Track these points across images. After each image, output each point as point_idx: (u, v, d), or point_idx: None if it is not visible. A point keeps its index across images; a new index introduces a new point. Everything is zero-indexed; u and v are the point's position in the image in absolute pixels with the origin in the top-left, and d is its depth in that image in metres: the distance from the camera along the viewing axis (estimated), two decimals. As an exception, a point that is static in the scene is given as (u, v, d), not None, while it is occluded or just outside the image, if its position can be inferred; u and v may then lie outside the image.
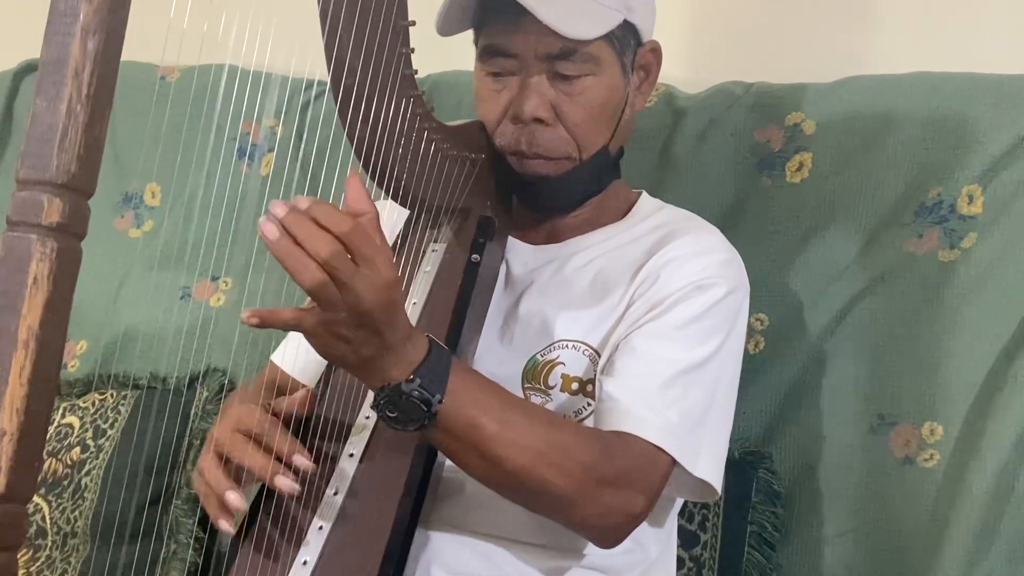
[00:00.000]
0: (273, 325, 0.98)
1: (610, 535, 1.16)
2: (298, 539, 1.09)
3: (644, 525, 1.24)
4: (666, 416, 1.17)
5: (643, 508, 1.15)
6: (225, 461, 1.10)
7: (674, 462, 1.17)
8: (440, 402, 1.03)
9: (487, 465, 1.09)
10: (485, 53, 1.29)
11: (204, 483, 1.12)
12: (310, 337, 0.99)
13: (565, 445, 1.11)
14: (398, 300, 1.00)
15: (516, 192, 1.34)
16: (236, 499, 1.08)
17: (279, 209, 0.93)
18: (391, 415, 1.03)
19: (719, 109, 1.68)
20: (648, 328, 1.22)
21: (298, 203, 0.94)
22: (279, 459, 1.07)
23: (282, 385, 1.37)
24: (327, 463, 1.13)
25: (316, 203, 0.94)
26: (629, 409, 1.17)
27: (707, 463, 1.19)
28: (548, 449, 1.09)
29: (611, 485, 1.12)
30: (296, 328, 0.98)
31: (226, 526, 1.09)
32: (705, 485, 1.20)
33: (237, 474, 1.10)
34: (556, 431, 1.12)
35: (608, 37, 1.26)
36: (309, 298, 0.97)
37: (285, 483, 1.06)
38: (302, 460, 1.07)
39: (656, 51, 1.36)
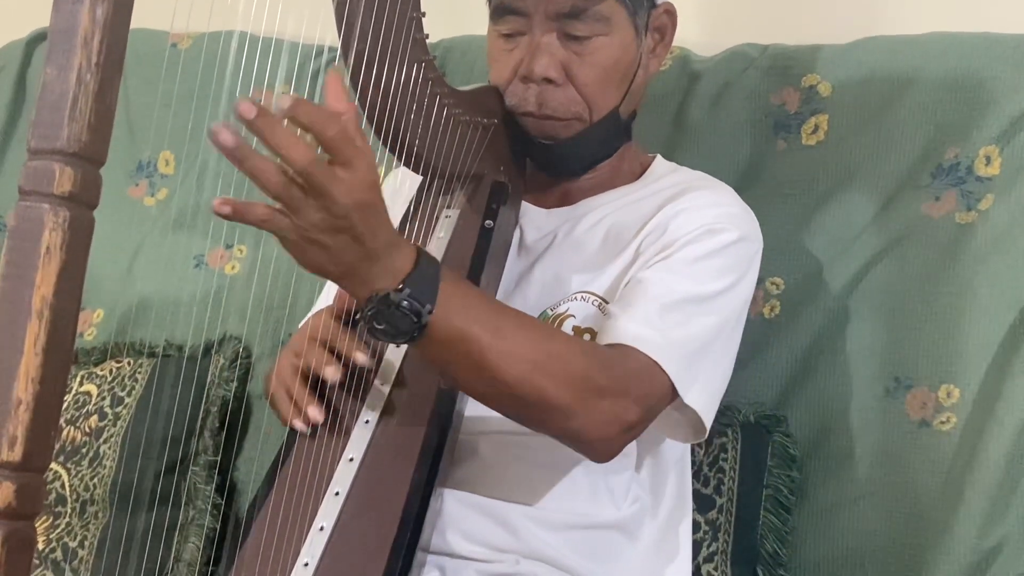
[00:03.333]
0: (244, 219, 0.91)
1: (604, 445, 1.14)
2: (315, 505, 1.10)
3: (647, 476, 1.24)
4: (665, 334, 1.16)
5: (638, 418, 1.13)
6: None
7: (671, 386, 1.15)
8: (431, 312, 1.00)
9: (481, 376, 1.06)
10: (496, 12, 1.28)
11: (281, 385, 1.16)
12: (284, 241, 0.94)
13: (561, 355, 1.09)
14: (378, 203, 0.95)
15: (528, 154, 1.33)
16: (315, 412, 1.13)
17: (246, 109, 0.87)
18: (379, 327, 1.00)
19: (734, 72, 1.67)
20: (657, 265, 1.22)
21: (281, 102, 0.88)
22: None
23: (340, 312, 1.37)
24: (343, 429, 1.14)
25: (298, 102, 0.88)
26: (629, 325, 1.16)
27: (699, 394, 1.18)
28: (544, 358, 1.07)
29: (607, 394, 1.11)
30: (268, 227, 0.93)
31: (301, 425, 1.14)
32: (695, 423, 1.20)
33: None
34: (551, 341, 1.11)
35: None
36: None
37: (331, 371, 1.12)
38: (361, 357, 1.12)
39: (671, 13, 1.35)
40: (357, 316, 1.02)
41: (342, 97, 0.95)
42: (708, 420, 1.20)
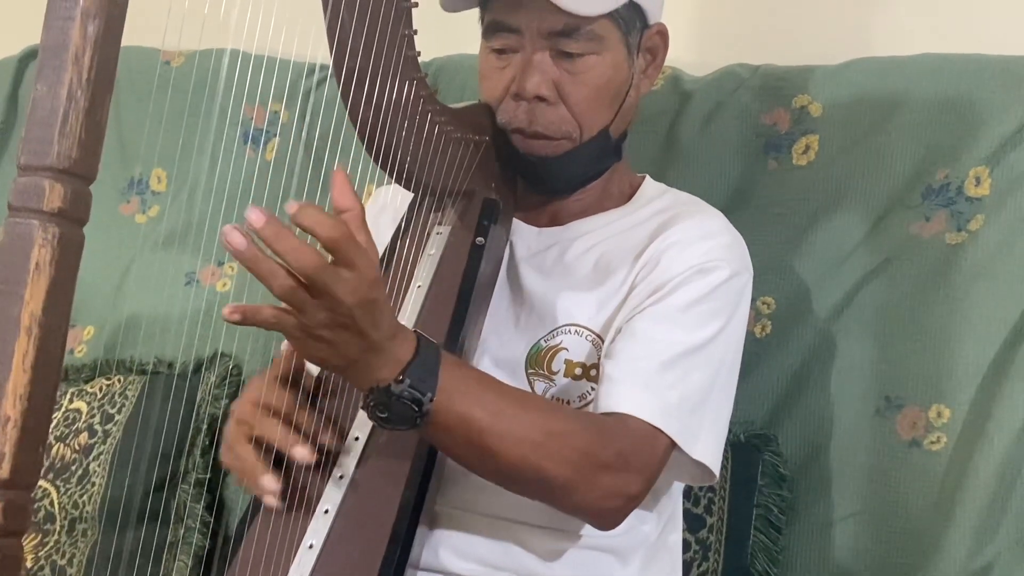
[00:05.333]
0: (253, 323, 0.96)
1: (608, 517, 1.16)
2: (304, 523, 1.10)
3: (641, 508, 1.24)
4: (665, 397, 1.16)
5: (641, 489, 1.15)
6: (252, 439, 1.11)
7: (673, 443, 1.16)
8: (431, 400, 1.02)
9: (483, 458, 1.08)
10: (489, 29, 1.28)
11: (235, 458, 1.13)
12: (290, 338, 0.98)
13: (561, 433, 1.10)
14: (380, 299, 0.98)
15: (519, 172, 1.34)
16: (270, 482, 1.08)
17: (256, 218, 0.90)
18: (382, 416, 1.02)
19: (725, 92, 1.67)
20: (649, 311, 1.21)
21: (288, 208, 0.92)
22: (297, 431, 1.09)
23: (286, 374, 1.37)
24: (332, 447, 1.13)
25: (303, 207, 0.92)
26: (627, 390, 1.16)
27: (705, 446, 1.19)
28: (544, 438, 1.08)
29: (609, 468, 1.12)
30: (275, 328, 0.96)
31: (271, 501, 1.08)
32: (703, 468, 1.20)
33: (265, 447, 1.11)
34: (551, 419, 1.12)
35: (613, 17, 1.25)
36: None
37: (301, 452, 1.07)
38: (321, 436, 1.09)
39: (663, 34, 1.35)
40: (362, 406, 1.04)
41: (348, 194, 0.97)
42: (716, 467, 1.20)
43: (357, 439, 1.13)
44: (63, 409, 1.77)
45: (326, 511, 1.09)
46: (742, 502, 1.49)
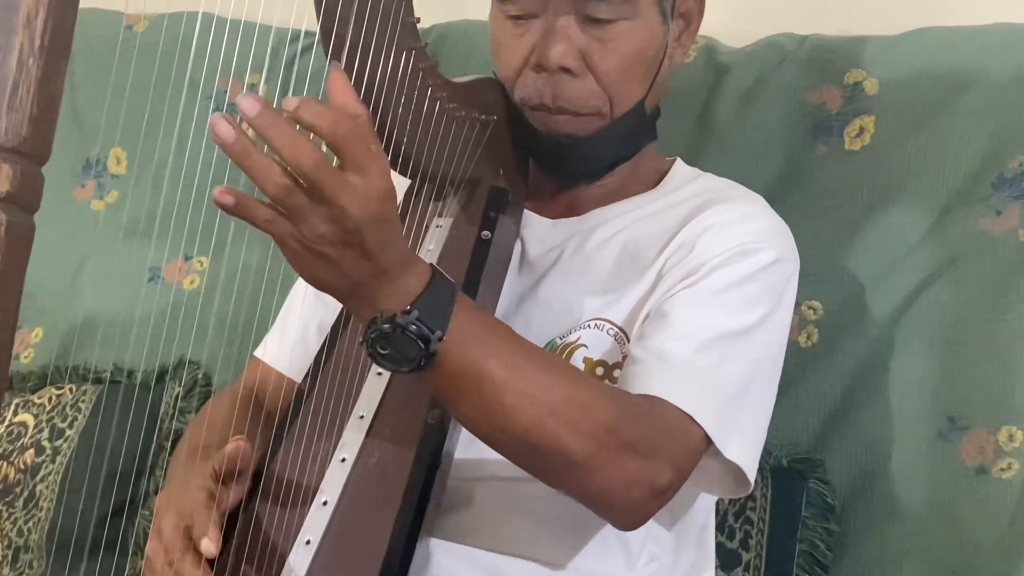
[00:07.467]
0: (244, 216, 0.92)
1: (631, 511, 1.14)
2: (282, 554, 1.10)
3: (667, 533, 1.24)
4: (698, 383, 1.16)
5: (670, 482, 1.12)
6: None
7: (706, 440, 1.15)
8: (440, 340, 0.99)
9: (492, 418, 1.06)
10: None
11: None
12: (285, 251, 0.95)
13: (584, 402, 1.08)
14: (391, 216, 0.96)
15: (536, 156, 1.34)
16: None
17: (248, 105, 0.88)
18: (383, 352, 0.99)
19: (768, 65, 1.67)
20: (682, 295, 1.21)
21: (286, 104, 0.89)
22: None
23: (262, 388, 1.37)
24: (316, 470, 1.13)
25: (305, 102, 0.90)
26: (656, 372, 1.16)
27: (741, 447, 1.18)
28: (564, 405, 1.07)
29: (634, 452, 1.10)
30: (269, 229, 0.93)
31: None
32: (737, 475, 1.19)
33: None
34: (575, 386, 1.10)
35: None
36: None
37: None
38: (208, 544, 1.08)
39: None
40: (360, 340, 1.02)
41: (351, 97, 0.94)
42: (752, 473, 1.19)
43: (344, 460, 1.13)
44: (6, 422, 1.77)
45: (308, 541, 1.09)
46: (783, 536, 1.49)
